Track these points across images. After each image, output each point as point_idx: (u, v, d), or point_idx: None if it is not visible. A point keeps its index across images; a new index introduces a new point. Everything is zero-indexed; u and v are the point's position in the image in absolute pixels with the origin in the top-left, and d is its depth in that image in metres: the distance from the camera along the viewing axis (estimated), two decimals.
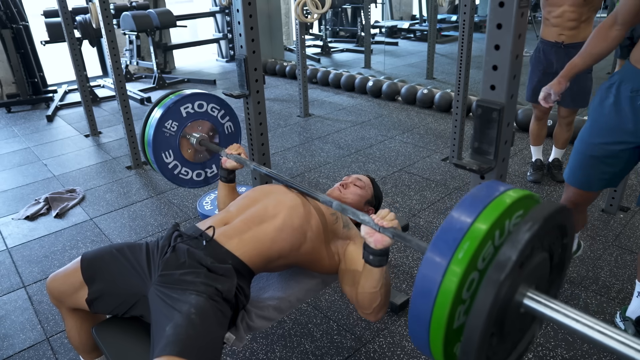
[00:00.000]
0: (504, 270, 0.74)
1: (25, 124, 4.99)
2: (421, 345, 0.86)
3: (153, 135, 1.89)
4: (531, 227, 0.77)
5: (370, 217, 1.20)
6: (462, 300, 0.80)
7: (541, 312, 0.80)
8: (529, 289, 0.82)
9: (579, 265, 2.25)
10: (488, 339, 0.77)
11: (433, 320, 0.81)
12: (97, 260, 1.36)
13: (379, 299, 1.29)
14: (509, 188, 0.88)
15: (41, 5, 5.59)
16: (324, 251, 1.44)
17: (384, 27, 9.58)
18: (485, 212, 0.82)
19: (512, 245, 0.75)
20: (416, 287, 0.83)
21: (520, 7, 1.01)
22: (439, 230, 0.85)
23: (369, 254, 1.21)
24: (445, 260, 0.80)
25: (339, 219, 1.50)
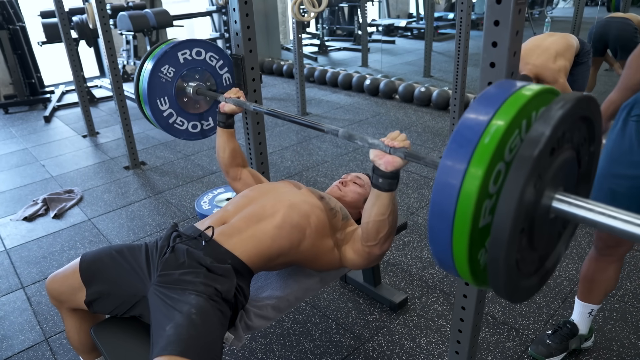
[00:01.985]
0: (537, 145, 0.67)
1: (22, 125, 4.98)
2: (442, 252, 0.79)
3: (149, 79, 1.82)
4: (564, 105, 0.71)
5: (380, 140, 1.16)
6: (489, 195, 0.73)
7: (572, 213, 0.75)
8: (557, 191, 0.77)
9: (578, 262, 2.26)
10: (518, 235, 0.71)
11: (457, 218, 0.74)
12: (96, 262, 1.36)
13: (387, 227, 1.25)
14: (528, 83, 0.81)
15: (38, 6, 5.57)
16: (324, 247, 1.43)
17: (381, 26, 9.58)
18: (508, 102, 0.75)
19: (544, 121, 0.69)
20: (437, 182, 0.76)
21: (518, 3, 1.01)
22: (459, 121, 0.77)
23: (379, 177, 1.18)
24: (469, 146, 0.73)
25: (337, 213, 1.48)
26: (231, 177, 1.72)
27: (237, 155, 1.71)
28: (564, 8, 9.84)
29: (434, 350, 1.80)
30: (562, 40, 2.97)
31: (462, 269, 0.80)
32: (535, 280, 0.85)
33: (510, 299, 0.79)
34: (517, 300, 0.82)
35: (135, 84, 1.91)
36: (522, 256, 0.77)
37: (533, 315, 1.94)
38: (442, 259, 0.80)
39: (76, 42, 5.27)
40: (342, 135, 1.28)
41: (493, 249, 0.71)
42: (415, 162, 1.10)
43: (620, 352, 1.74)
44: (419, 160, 1.08)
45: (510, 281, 0.75)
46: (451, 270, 0.82)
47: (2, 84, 5.80)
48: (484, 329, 1.88)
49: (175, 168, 3.65)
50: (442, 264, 0.82)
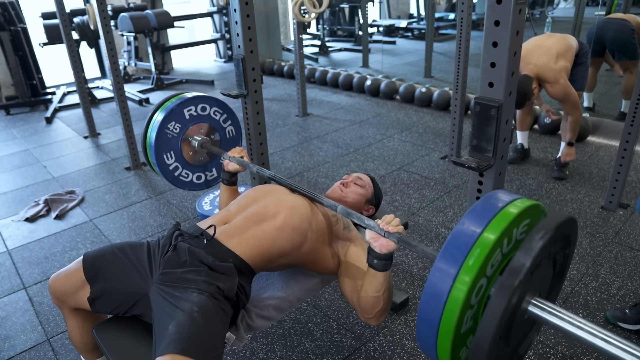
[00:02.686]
0: (518, 276, 0.76)
1: (24, 126, 4.98)
2: (428, 348, 0.88)
3: (156, 136, 1.89)
4: (544, 236, 0.78)
5: (376, 222, 1.20)
6: (471, 306, 0.82)
7: (545, 319, 0.82)
8: (534, 296, 0.84)
9: (579, 262, 2.26)
10: (497, 342, 0.79)
11: (442, 325, 0.82)
12: (98, 259, 1.37)
13: (382, 303, 1.29)
14: (516, 198, 0.90)
15: (39, 8, 5.58)
16: (325, 251, 1.44)
17: (382, 26, 9.58)
18: (493, 222, 0.84)
19: (525, 253, 0.77)
20: (425, 293, 0.85)
21: (518, 3, 1.01)
22: (448, 238, 0.86)
23: (374, 258, 1.22)
24: (455, 267, 0.81)
25: (339, 220, 1.50)
26: None
27: None
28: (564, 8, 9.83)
29: None
30: (562, 41, 2.98)
31: None
32: None
33: None
34: None
35: (143, 137, 1.98)
36: (498, 356, 0.84)
37: None
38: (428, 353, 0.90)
39: (77, 43, 5.28)
40: (340, 212, 1.34)
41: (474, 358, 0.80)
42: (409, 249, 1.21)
43: None
44: (411, 247, 1.14)
45: None
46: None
47: (4, 85, 5.81)
48: None
49: None
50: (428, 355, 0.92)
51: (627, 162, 2.56)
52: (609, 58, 4.04)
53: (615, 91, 4.65)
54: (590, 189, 2.95)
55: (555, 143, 3.68)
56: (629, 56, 3.83)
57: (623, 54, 3.84)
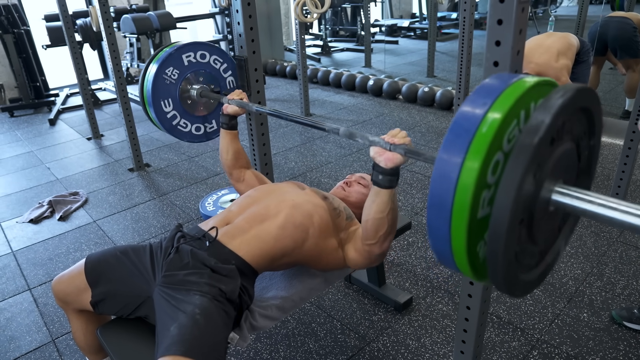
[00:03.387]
0: (537, 133, 0.66)
1: (28, 128, 5.00)
2: (441, 246, 0.78)
3: (153, 80, 1.83)
4: (564, 95, 0.70)
5: (380, 137, 1.16)
6: (487, 185, 0.72)
7: (572, 205, 0.74)
8: (557, 183, 0.76)
9: (583, 261, 2.25)
10: (517, 226, 0.70)
11: (455, 209, 0.73)
12: (101, 263, 1.37)
13: (386, 226, 1.24)
14: (526, 75, 0.80)
15: (42, 10, 5.60)
16: (328, 246, 1.43)
17: (384, 26, 9.57)
18: (507, 92, 0.74)
19: (544, 110, 0.68)
20: (435, 173, 0.75)
21: (521, 2, 1.01)
22: (457, 111, 0.76)
23: (379, 173, 1.18)
24: (466, 137, 0.72)
25: (341, 213, 1.48)
26: (234, 178, 1.73)
27: (240, 156, 1.72)
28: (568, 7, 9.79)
29: (439, 350, 1.79)
30: (563, 40, 2.97)
31: (461, 263, 0.78)
32: (535, 274, 0.84)
33: (510, 293, 0.78)
34: (517, 295, 0.80)
35: (140, 86, 1.93)
36: (522, 249, 0.76)
37: (538, 314, 1.93)
38: (441, 252, 0.79)
39: (80, 45, 5.30)
40: (342, 134, 1.29)
41: (492, 241, 0.70)
42: (415, 159, 1.09)
43: (627, 351, 1.74)
44: (418, 156, 1.07)
45: (509, 274, 0.74)
46: (450, 264, 0.81)
47: (7, 87, 5.84)
48: (489, 329, 1.87)
49: (180, 170, 3.66)
50: (441, 258, 0.81)
51: (632, 161, 2.54)
52: (611, 57, 4.03)
53: (619, 89, 4.63)
54: (595, 188, 2.94)
55: None
56: (632, 54, 3.81)
57: (625, 52, 3.82)
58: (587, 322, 1.88)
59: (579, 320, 1.89)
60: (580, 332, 1.83)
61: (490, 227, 0.69)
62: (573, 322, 1.89)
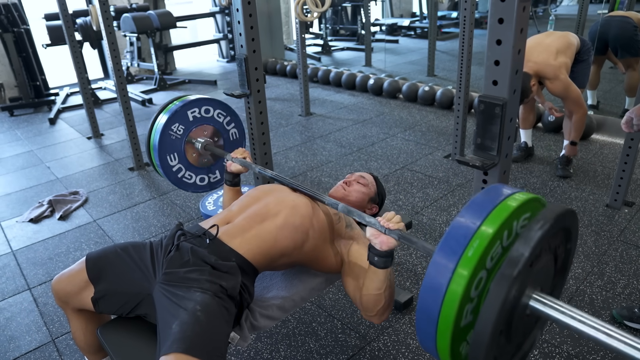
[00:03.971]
0: (517, 266, 0.75)
1: (28, 127, 5.00)
2: (428, 344, 0.87)
3: (159, 137, 1.90)
4: (543, 226, 0.78)
5: (376, 219, 1.20)
6: (470, 299, 0.81)
7: (547, 314, 0.81)
8: (535, 290, 0.83)
9: (584, 260, 2.24)
10: (497, 337, 0.77)
11: (441, 319, 0.81)
12: (101, 260, 1.37)
13: (383, 301, 1.29)
14: (516, 191, 0.89)
15: (42, 9, 5.60)
16: (328, 250, 1.44)
17: (384, 25, 9.56)
18: (493, 214, 0.83)
19: (524, 242, 0.76)
20: (424, 286, 0.84)
21: (522, 1, 1.01)
22: (447, 231, 0.85)
23: (374, 255, 1.22)
24: (454, 259, 0.81)
25: (341, 219, 1.50)
26: None
27: None
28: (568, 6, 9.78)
29: None
30: (563, 39, 2.97)
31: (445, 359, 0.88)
32: None
33: None
34: None
35: (147, 139, 1.99)
36: (500, 352, 0.83)
37: None
38: (428, 348, 0.89)
39: (80, 44, 5.30)
40: (341, 210, 1.34)
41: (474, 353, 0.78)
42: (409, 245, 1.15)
43: None
44: (411, 244, 1.13)
45: None
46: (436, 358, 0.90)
47: (7, 86, 5.83)
48: None
49: None
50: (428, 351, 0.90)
51: (632, 160, 2.54)
52: (611, 56, 4.02)
53: (620, 89, 4.62)
54: (595, 187, 2.94)
55: (559, 141, 3.66)
56: (632, 53, 3.81)
57: (626, 51, 3.82)
58: None
59: None
60: None
61: (471, 344, 0.79)
62: None
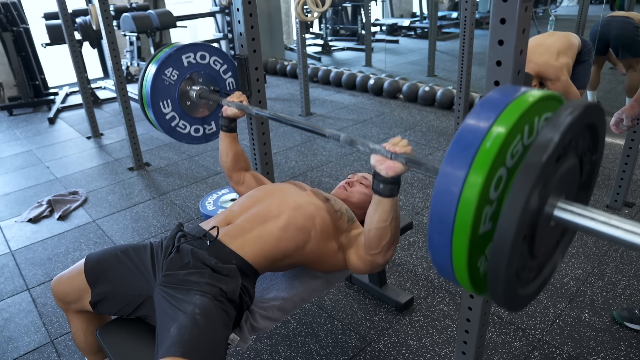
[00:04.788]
0: (546, 151, 0.65)
1: (27, 127, 4.99)
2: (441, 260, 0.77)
3: (152, 81, 1.82)
4: (572, 112, 0.69)
5: (381, 145, 1.15)
6: (490, 201, 0.72)
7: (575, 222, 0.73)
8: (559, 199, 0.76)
9: (585, 261, 2.24)
10: (520, 243, 0.69)
11: (457, 224, 0.72)
12: (101, 263, 1.36)
13: (389, 235, 1.23)
14: (531, 89, 0.79)
15: (41, 8, 5.59)
16: (329, 249, 1.43)
17: (385, 25, 9.56)
18: (511, 106, 0.73)
19: (553, 127, 0.68)
20: (436, 189, 0.74)
21: (524, 1, 1.00)
22: (460, 126, 0.75)
23: (379, 182, 1.17)
24: (470, 151, 0.71)
25: (343, 215, 1.48)
26: (234, 181, 1.72)
27: (240, 159, 1.71)
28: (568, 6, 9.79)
29: (440, 351, 1.79)
30: (564, 39, 2.96)
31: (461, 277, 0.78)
32: (533, 288, 0.84)
33: (508, 308, 0.78)
34: (515, 309, 0.80)
35: (139, 87, 1.91)
36: (522, 264, 0.76)
37: (540, 315, 1.93)
38: (441, 266, 0.79)
39: (80, 43, 5.28)
40: (343, 140, 1.27)
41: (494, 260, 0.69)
42: (416, 168, 1.08)
43: (628, 351, 1.73)
44: (419, 166, 1.06)
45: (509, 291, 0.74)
46: (450, 277, 0.80)
47: (6, 86, 5.82)
48: (490, 329, 1.86)
49: (180, 169, 3.65)
50: (441, 271, 0.81)
51: (633, 161, 2.54)
52: (611, 56, 4.02)
53: (620, 89, 4.62)
54: (595, 188, 2.93)
55: None
56: (633, 53, 3.80)
57: (627, 51, 3.81)
58: (589, 323, 1.87)
59: (580, 320, 1.89)
60: (582, 333, 1.83)
61: (493, 246, 0.69)
62: (574, 322, 1.88)
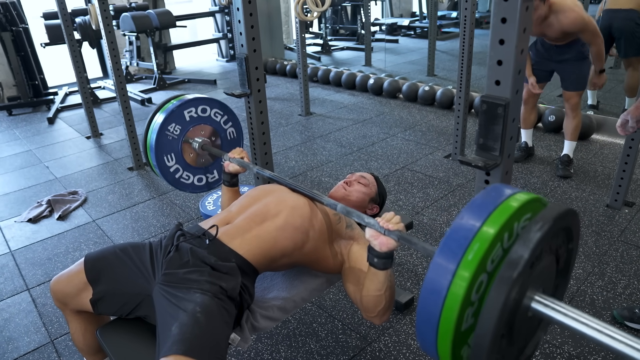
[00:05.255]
0: (517, 268, 0.74)
1: (26, 127, 4.99)
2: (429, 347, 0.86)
3: (156, 138, 1.89)
4: (542, 227, 0.77)
5: (376, 220, 1.19)
6: (471, 303, 0.80)
7: (549, 316, 0.81)
8: (537, 292, 0.83)
9: (585, 261, 2.24)
10: (499, 340, 0.77)
11: (441, 323, 0.80)
12: (100, 261, 1.36)
13: (384, 302, 1.28)
14: (517, 191, 0.88)
15: (41, 8, 5.58)
16: (328, 250, 1.43)
17: (384, 25, 9.56)
18: (493, 215, 0.82)
19: (523, 244, 0.76)
20: (424, 290, 0.83)
21: (525, 0, 1.00)
22: (447, 233, 0.84)
23: (374, 256, 1.21)
24: (454, 262, 0.80)
25: (341, 219, 1.49)
26: None
27: None
28: None
29: None
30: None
31: None
32: None
33: None
34: None
35: (143, 139, 1.97)
36: (502, 356, 0.82)
37: None
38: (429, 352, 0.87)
39: (79, 43, 5.28)
40: (340, 210, 1.33)
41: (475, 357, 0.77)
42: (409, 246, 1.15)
43: None
44: (411, 245, 1.12)
45: None
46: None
47: (6, 85, 5.82)
48: None
49: None
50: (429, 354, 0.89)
51: (633, 160, 2.54)
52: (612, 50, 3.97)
53: (620, 88, 4.62)
54: (595, 187, 2.93)
55: (559, 141, 3.66)
56: (635, 52, 3.75)
57: (630, 47, 3.74)
58: None
59: None
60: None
61: (473, 348, 0.78)
62: None
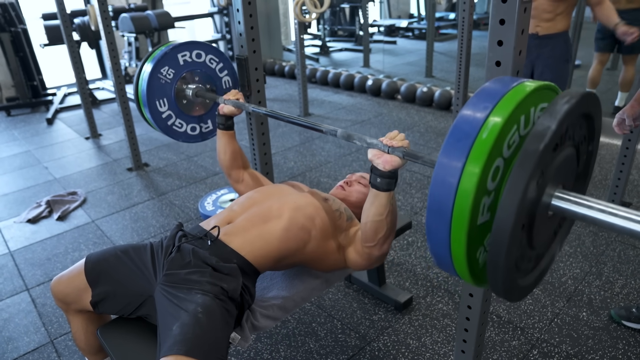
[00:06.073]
0: (543, 140, 0.65)
1: (25, 127, 4.98)
2: (441, 251, 0.77)
3: (148, 80, 1.81)
4: (569, 100, 0.69)
5: (379, 139, 1.15)
6: (487, 192, 0.71)
7: (572, 211, 0.73)
8: (557, 188, 0.76)
9: (582, 261, 2.25)
10: (519, 232, 0.69)
11: (455, 214, 0.71)
12: (101, 262, 1.36)
13: (385, 228, 1.23)
14: (527, 80, 0.80)
15: (40, 9, 5.58)
16: (329, 248, 1.43)
17: (383, 26, 9.58)
18: (507, 97, 0.73)
19: (550, 115, 0.67)
20: (434, 179, 0.73)
21: (523, 2, 1.01)
22: (456, 118, 0.75)
23: (377, 176, 1.17)
24: (467, 142, 0.71)
25: (342, 214, 1.48)
26: (233, 179, 1.72)
27: (238, 157, 1.71)
28: None
29: (439, 350, 1.80)
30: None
31: (460, 268, 0.78)
32: (531, 279, 0.84)
33: (508, 298, 0.78)
34: (514, 300, 0.81)
35: (135, 86, 1.91)
36: (521, 254, 0.76)
37: (538, 314, 1.94)
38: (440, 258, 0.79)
39: (78, 44, 5.28)
40: (340, 136, 1.27)
41: (493, 249, 0.69)
42: (414, 162, 1.09)
43: (625, 350, 1.74)
44: (417, 159, 1.06)
45: (509, 281, 0.74)
46: (449, 269, 0.80)
47: (5, 86, 5.81)
48: (489, 328, 1.87)
49: (179, 169, 3.65)
50: (440, 263, 0.81)
51: (629, 161, 2.55)
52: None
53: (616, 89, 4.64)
54: (592, 188, 2.95)
55: None
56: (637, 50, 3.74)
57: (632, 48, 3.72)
58: (586, 321, 1.89)
59: (578, 319, 1.90)
60: (580, 331, 1.84)
61: (492, 235, 0.69)
62: (572, 321, 1.89)
